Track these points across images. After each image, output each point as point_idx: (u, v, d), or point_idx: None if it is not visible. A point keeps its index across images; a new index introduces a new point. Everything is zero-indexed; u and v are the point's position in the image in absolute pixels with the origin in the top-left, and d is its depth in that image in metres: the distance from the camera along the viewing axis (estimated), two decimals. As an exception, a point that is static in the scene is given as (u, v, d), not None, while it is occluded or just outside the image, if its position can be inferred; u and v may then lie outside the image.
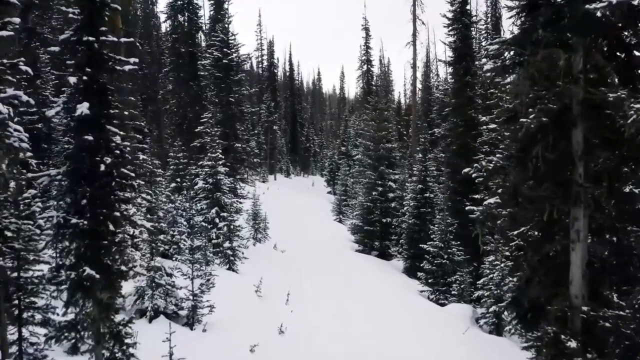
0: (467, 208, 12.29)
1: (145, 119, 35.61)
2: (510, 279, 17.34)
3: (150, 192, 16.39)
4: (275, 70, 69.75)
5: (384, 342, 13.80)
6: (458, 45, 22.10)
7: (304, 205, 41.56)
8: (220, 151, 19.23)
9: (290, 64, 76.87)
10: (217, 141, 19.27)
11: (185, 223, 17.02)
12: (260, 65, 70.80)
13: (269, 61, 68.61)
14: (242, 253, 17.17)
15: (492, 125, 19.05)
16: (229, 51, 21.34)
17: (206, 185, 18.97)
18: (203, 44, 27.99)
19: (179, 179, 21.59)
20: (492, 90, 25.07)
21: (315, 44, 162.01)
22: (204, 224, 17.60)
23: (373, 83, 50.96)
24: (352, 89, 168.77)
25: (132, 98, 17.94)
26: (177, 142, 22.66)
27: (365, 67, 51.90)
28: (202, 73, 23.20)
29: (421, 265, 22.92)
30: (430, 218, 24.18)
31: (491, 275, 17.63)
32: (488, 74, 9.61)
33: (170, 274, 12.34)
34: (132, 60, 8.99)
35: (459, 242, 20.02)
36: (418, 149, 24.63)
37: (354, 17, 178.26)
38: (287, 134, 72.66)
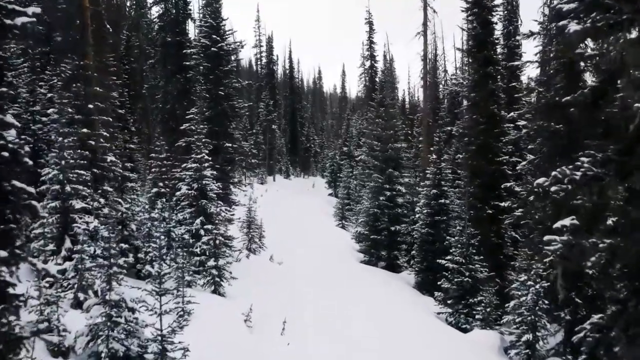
0: (545, 238, 9.43)
1: (133, 117, 33.11)
2: (546, 302, 14.82)
3: (120, 200, 13.77)
4: (274, 67, 67.20)
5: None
6: (478, 32, 19.46)
7: (304, 209, 38.97)
8: (207, 151, 16.61)
9: (290, 62, 74.38)
10: (204, 140, 16.63)
11: (162, 237, 14.39)
12: (258, 63, 68.25)
13: (268, 58, 66.08)
14: (230, 273, 14.54)
15: (521, 122, 16.44)
16: (218, 38, 18.73)
17: (190, 192, 16.35)
18: (194, 32, 25.31)
19: (161, 184, 18.97)
20: (514, 84, 22.50)
21: (316, 43, 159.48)
22: (185, 237, 14.97)
23: (377, 79, 48.24)
24: (353, 89, 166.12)
25: (100, 89, 15.33)
26: (159, 142, 20.06)
27: (369, 62, 49.34)
28: (189, 63, 20.57)
29: (437, 282, 20.34)
30: (444, 227, 21.59)
31: (523, 298, 14.99)
32: (574, 38, 6.99)
33: (133, 308, 9.70)
34: (30, 10, 6.11)
35: (481, 257, 17.38)
36: (432, 148, 22.04)
37: (355, 15, 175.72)
38: (287, 133, 70.10)
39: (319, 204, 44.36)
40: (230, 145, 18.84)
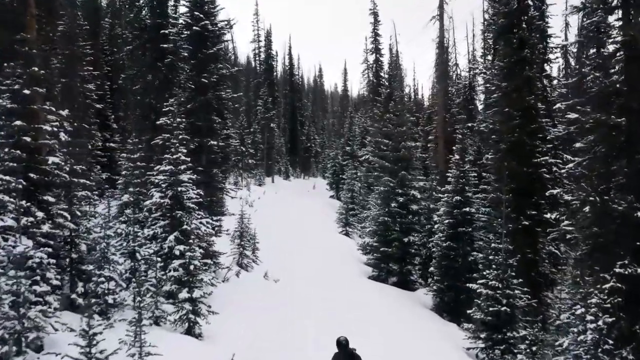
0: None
1: (117, 113, 29.97)
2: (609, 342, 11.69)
3: (65, 213, 10.63)
4: (273, 63, 64.01)
5: None
6: (511, 8, 16.29)
7: (304, 213, 35.82)
8: (185, 151, 13.48)
9: (290, 58, 71.14)
10: (181, 137, 13.53)
11: (124, 259, 11.25)
12: (257, 58, 65.00)
13: (267, 53, 62.90)
14: (209, 307, 11.38)
15: (572, 115, 13.27)
16: (202, 15, 15.53)
17: (163, 200, 13.21)
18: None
19: (133, 189, 15.84)
20: (547, 72, 19.26)
21: (316, 42, 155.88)
22: (155, 258, 11.83)
23: (382, 74, 45.10)
24: (355, 88, 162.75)
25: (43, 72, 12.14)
26: (132, 139, 16.96)
27: (373, 56, 46.08)
28: (166, 46, 17.36)
29: (460, 304, 17.27)
30: (469, 239, 18.47)
31: (582, 337, 11.84)
32: None
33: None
34: None
35: (520, 280, 14.21)
36: (455, 148, 18.90)
37: (355, 14, 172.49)
38: (286, 132, 66.91)
39: (320, 207, 41.23)
40: (215, 143, 15.68)
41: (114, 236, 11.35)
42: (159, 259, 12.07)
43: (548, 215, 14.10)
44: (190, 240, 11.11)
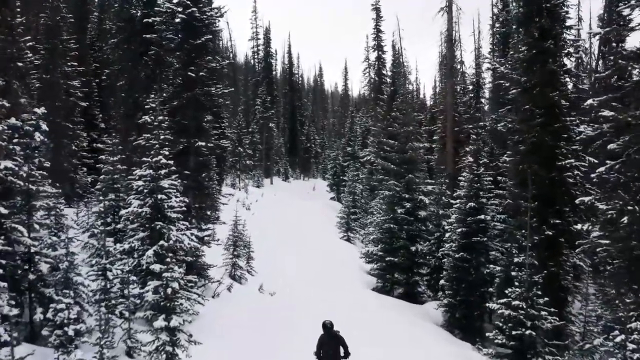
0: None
1: (102, 111, 28.31)
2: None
3: (21, 227, 9.01)
4: (272, 61, 62.36)
5: None
6: (533, -7, 14.67)
7: (303, 216, 34.20)
8: (167, 153, 11.87)
9: (290, 56, 69.48)
10: (163, 137, 11.94)
11: (85, 283, 9.63)
12: (255, 56, 63.37)
13: (265, 50, 61.29)
14: (190, 336, 9.78)
15: (607, 112, 11.65)
16: (189, 2, 13.91)
17: (141, 210, 11.60)
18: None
19: (114, 195, 14.22)
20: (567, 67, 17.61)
21: (315, 41, 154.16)
22: (130, 277, 10.22)
23: (385, 72, 43.44)
24: (356, 87, 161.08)
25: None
26: (110, 139, 15.35)
27: (375, 54, 44.42)
28: (149, 37, 15.70)
29: (474, 320, 15.72)
30: (483, 250, 16.86)
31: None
32: None
33: None
34: None
35: (546, 299, 12.58)
36: (468, 149, 17.27)
37: (356, 13, 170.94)
38: (286, 132, 65.27)
39: (321, 209, 39.61)
40: (204, 144, 14.07)
41: (80, 252, 9.72)
42: (134, 278, 10.48)
43: (579, 227, 12.47)
44: (168, 259, 9.48)
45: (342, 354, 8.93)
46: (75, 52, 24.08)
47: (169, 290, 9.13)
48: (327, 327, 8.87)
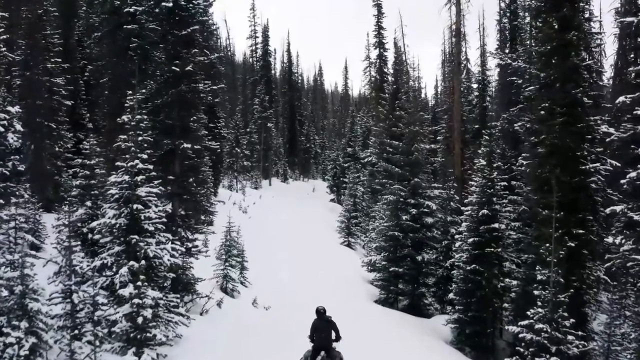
0: None
1: (90, 110, 26.88)
2: None
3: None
4: (271, 60, 61.01)
5: None
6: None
7: (302, 220, 32.87)
8: (145, 157, 10.51)
9: (289, 55, 68.03)
10: (140, 139, 10.58)
11: (43, 310, 8.26)
12: (253, 55, 61.97)
13: (264, 49, 59.94)
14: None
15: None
16: (174, -11, 12.64)
17: (116, 221, 10.23)
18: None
19: (90, 203, 12.85)
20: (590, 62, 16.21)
21: (315, 42, 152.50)
22: (100, 300, 8.85)
23: (387, 70, 41.99)
24: (356, 87, 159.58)
25: None
26: (87, 141, 13.99)
27: (376, 51, 42.95)
28: (129, 27, 14.29)
29: (487, 339, 14.37)
30: (497, 262, 15.49)
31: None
32: None
33: None
34: None
35: (572, 320, 11.20)
36: (480, 151, 15.89)
37: (357, 9, 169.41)
38: (285, 133, 63.83)
39: (320, 212, 38.27)
40: (190, 146, 12.71)
41: (35, 275, 8.33)
42: (104, 301, 9.10)
43: (610, 240, 11.12)
44: (139, 283, 8.13)
45: (333, 337, 9.51)
46: (60, 48, 22.68)
47: (139, 320, 7.77)
48: (320, 312, 9.48)
